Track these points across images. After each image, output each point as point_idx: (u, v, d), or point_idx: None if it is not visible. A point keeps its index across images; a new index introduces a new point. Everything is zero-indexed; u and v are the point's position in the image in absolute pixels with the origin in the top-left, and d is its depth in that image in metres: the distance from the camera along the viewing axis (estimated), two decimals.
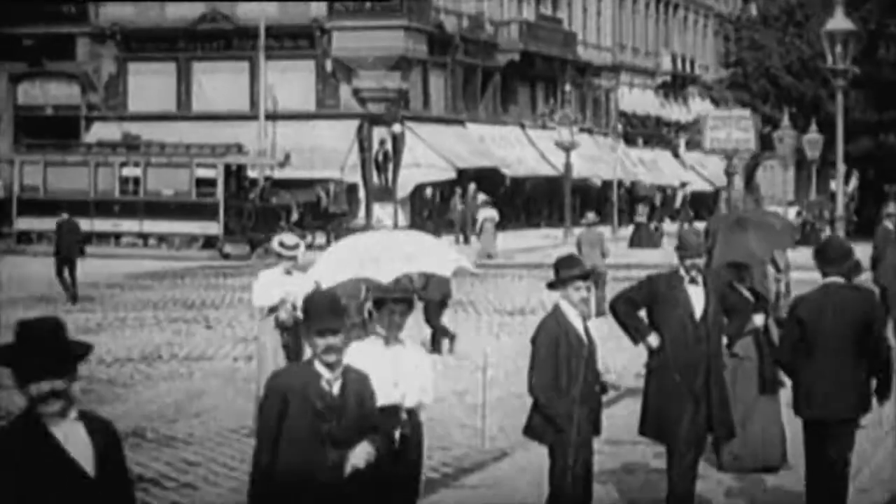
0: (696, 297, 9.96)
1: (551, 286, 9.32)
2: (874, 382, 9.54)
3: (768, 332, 11.80)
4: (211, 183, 44.15)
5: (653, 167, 79.83)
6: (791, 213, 50.55)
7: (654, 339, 9.94)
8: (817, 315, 9.47)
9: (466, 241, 48.71)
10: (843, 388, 9.39)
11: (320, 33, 53.45)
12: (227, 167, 44.41)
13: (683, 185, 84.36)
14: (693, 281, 10.02)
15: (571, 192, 71.11)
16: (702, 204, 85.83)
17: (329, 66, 53.70)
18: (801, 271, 15.26)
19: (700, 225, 50.37)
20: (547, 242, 49.14)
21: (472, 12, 59.91)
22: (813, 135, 49.61)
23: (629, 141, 78.13)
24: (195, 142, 46.06)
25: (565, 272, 9.15)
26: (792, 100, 51.74)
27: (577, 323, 9.15)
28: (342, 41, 52.47)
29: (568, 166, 53.17)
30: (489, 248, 43.35)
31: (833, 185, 64.48)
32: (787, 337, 9.80)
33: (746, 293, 11.71)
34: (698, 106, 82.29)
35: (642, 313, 10.10)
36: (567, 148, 52.72)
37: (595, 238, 26.24)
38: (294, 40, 53.63)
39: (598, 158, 68.17)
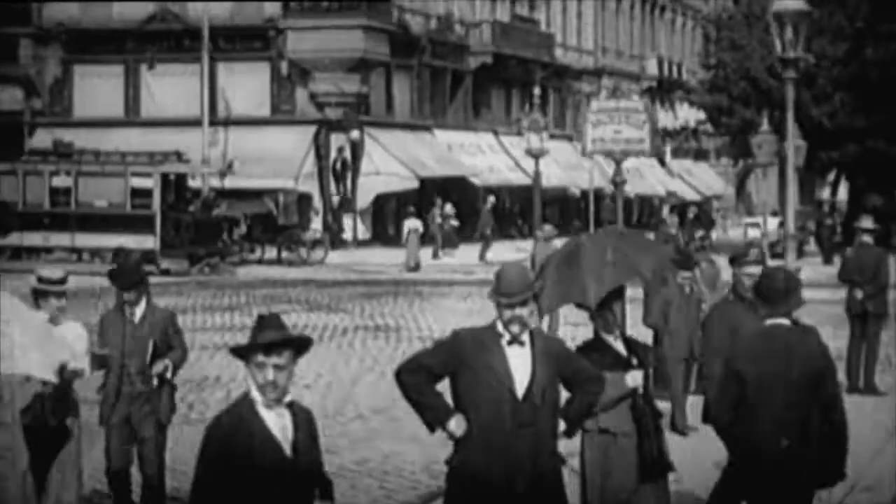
0: (519, 362, 6.98)
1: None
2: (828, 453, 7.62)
3: (649, 395, 8.74)
4: (147, 193, 41.14)
5: (636, 175, 76.74)
6: (773, 223, 47.57)
7: (456, 425, 6.96)
8: (759, 366, 7.62)
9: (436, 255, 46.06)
10: (792, 456, 7.48)
11: (275, 33, 50.45)
12: (165, 176, 41.37)
13: (670, 194, 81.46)
14: (515, 340, 7.03)
15: (549, 202, 68.76)
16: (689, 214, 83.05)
17: (284, 68, 50.68)
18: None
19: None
20: (519, 256, 46.09)
21: (441, 12, 56.91)
22: (796, 140, 46.46)
23: None
24: (144, 149, 43.05)
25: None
26: (774, 103, 48.62)
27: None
28: (298, 42, 49.48)
29: (537, 174, 50.13)
30: (413, 259, 41.19)
31: (823, 194, 61.60)
32: (724, 394, 7.79)
33: (618, 346, 8.68)
34: (686, 112, 79.37)
35: (442, 386, 7.13)
36: (536, 155, 49.70)
37: (551, 252, 23.93)
38: (247, 41, 50.65)
39: (578, 166, 65.10)
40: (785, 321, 7.79)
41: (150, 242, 39.88)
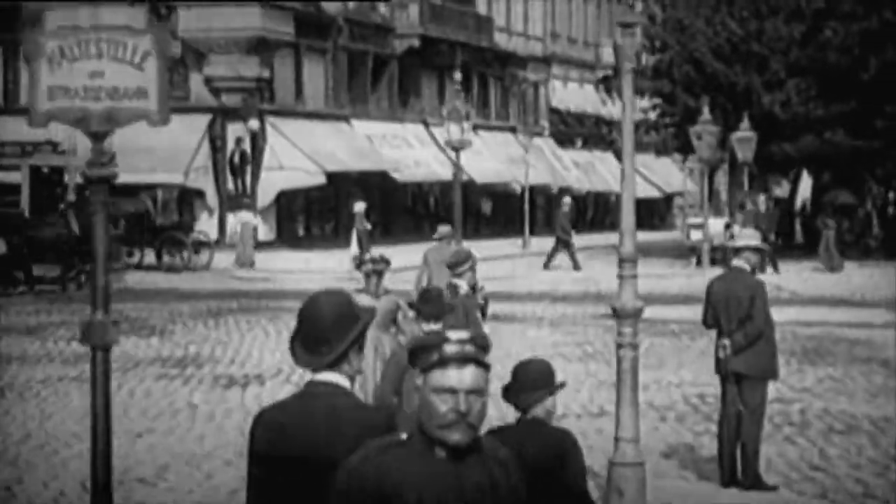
0: None
1: None
2: None
3: None
4: (15, 189, 36.05)
5: (589, 170, 71.66)
6: (717, 225, 42.41)
7: None
8: None
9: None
10: None
11: (166, 11, 44.98)
12: (37, 170, 36.43)
13: None
14: None
15: (488, 199, 63.64)
16: (647, 213, 77.93)
17: (178, 50, 45.27)
18: None
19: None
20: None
21: None
22: (745, 132, 41.38)
23: (561, 141, 70.04)
24: (14, 139, 37.79)
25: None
26: (720, 89, 43.53)
27: None
28: (188, 20, 44.04)
29: (458, 169, 44.87)
30: (247, 256, 38.20)
31: (778, 190, 56.44)
32: None
33: None
34: (646, 103, 74.26)
35: None
36: (457, 147, 44.41)
37: (447, 255, 20.16)
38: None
39: (521, 160, 59.84)
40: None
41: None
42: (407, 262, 25.82)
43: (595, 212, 75.84)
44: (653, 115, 48.08)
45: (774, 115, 42.82)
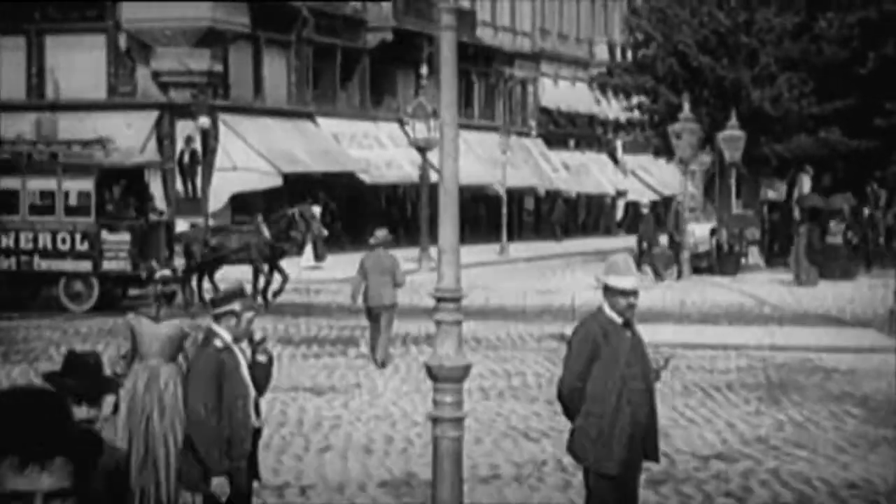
0: None
1: None
2: None
3: None
4: None
5: (581, 172, 68.33)
6: (702, 231, 39.18)
7: None
8: None
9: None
10: None
11: (112, 1, 42.00)
12: None
13: (620, 193, 73.07)
14: None
15: (469, 202, 60.22)
16: (642, 217, 74.52)
17: (123, 42, 42.25)
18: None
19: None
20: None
21: None
22: (732, 130, 38.13)
23: (551, 142, 66.76)
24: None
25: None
26: (706, 84, 40.24)
27: None
28: (133, 9, 41.01)
29: (424, 170, 41.72)
30: None
31: (770, 193, 53.07)
32: None
33: None
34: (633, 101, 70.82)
35: None
36: (423, 147, 41.28)
37: (386, 263, 20.28)
38: (80, 11, 42.19)
39: (506, 162, 56.55)
40: None
41: None
42: None
43: (588, 215, 72.57)
44: (637, 114, 44.75)
45: (765, 112, 39.55)
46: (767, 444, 14.11)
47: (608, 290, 8.43)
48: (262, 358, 8.60)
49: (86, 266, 28.23)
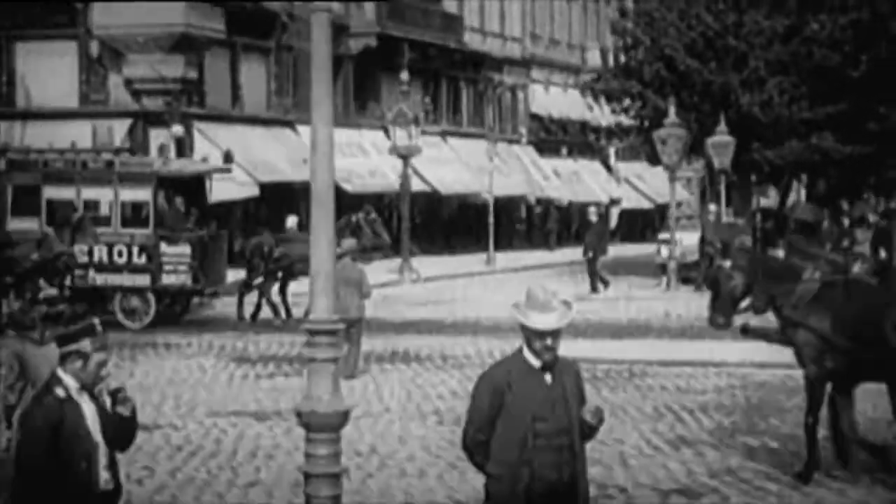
0: None
1: None
2: None
3: None
4: None
5: (573, 180, 67.12)
6: (690, 239, 37.95)
7: None
8: None
9: None
10: None
11: (83, 5, 40.84)
12: None
13: (614, 202, 71.85)
14: None
15: (457, 212, 59.06)
16: (639, 225, 73.41)
17: (95, 49, 41.10)
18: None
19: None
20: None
21: None
22: (721, 136, 36.96)
23: (543, 149, 65.57)
24: None
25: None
26: (694, 89, 39.04)
27: None
28: (105, 15, 39.88)
29: (405, 178, 40.60)
30: None
31: (763, 201, 51.94)
32: None
33: None
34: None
35: None
36: (404, 155, 40.18)
37: (352, 274, 19.68)
38: (51, 16, 41.04)
39: (495, 171, 55.38)
40: None
41: None
42: None
43: (581, 223, 71.21)
44: (625, 120, 43.55)
45: (754, 117, 38.34)
46: (737, 476, 12.92)
47: (524, 329, 7.20)
48: (123, 410, 7.18)
49: (143, 280, 26.83)
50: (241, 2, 42.22)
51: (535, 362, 7.16)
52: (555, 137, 67.43)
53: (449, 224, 57.76)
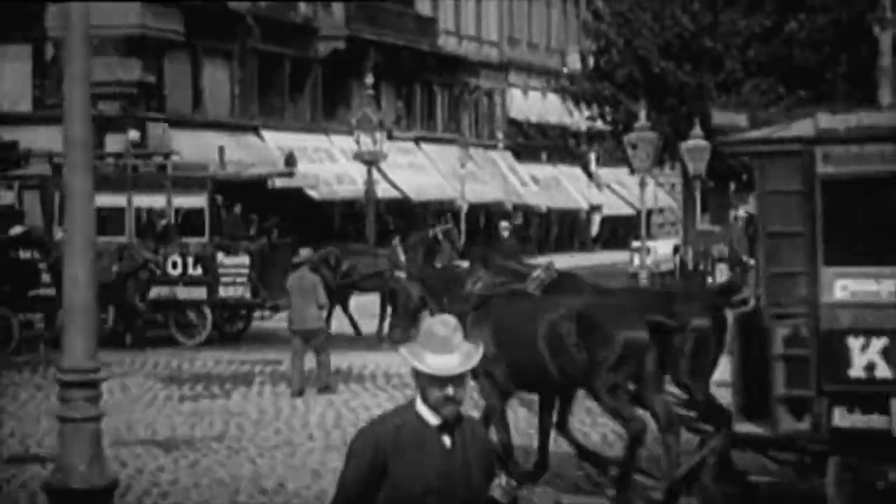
0: None
1: None
2: None
3: None
4: None
5: (552, 186, 65.80)
6: (665, 247, 36.70)
7: None
8: None
9: None
10: None
11: (39, 7, 39.45)
12: None
13: (594, 208, 70.58)
14: None
15: (436, 218, 57.61)
16: (619, 232, 72.07)
17: (49, 51, 39.75)
18: None
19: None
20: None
21: None
22: (696, 140, 35.64)
23: (521, 155, 64.26)
24: None
25: None
26: (668, 91, 37.73)
27: None
28: (58, 16, 38.31)
29: (370, 185, 39.21)
30: None
31: (743, 209, 50.63)
32: None
33: None
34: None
35: None
36: (369, 161, 38.79)
37: (307, 283, 19.40)
38: (5, 18, 39.65)
39: (470, 176, 54.13)
40: None
41: None
42: None
43: (560, 230, 69.94)
44: (600, 124, 42.25)
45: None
46: None
47: (417, 376, 5.68)
48: None
49: (199, 293, 25.16)
50: (199, 2, 40.83)
51: (432, 419, 5.64)
52: (533, 143, 66.15)
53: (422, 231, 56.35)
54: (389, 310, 23.85)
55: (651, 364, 11.61)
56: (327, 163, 47.50)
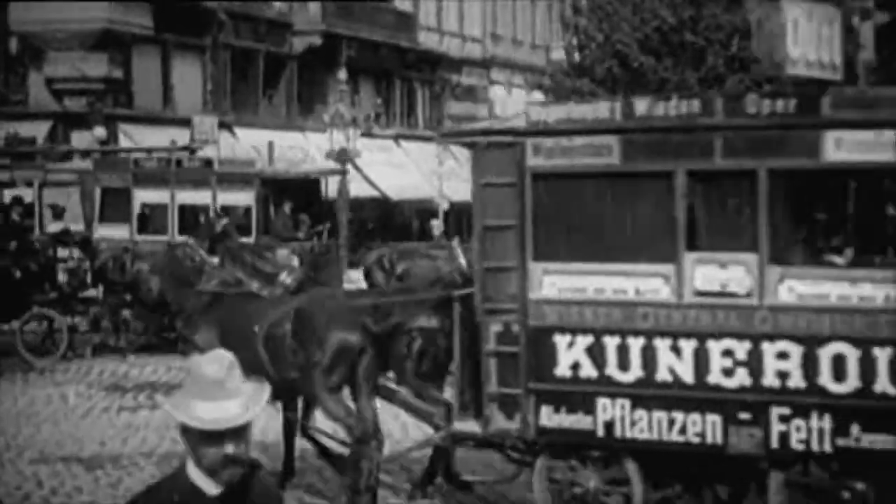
0: None
1: None
2: None
3: None
4: None
5: None
6: None
7: None
8: None
9: None
10: None
11: (3, 1, 38.48)
12: None
13: None
14: None
15: (412, 217, 56.78)
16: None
17: (14, 46, 38.73)
18: None
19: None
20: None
21: None
22: None
23: None
24: None
25: None
26: (648, 87, 36.79)
27: None
28: (23, 10, 37.55)
29: (343, 183, 38.26)
30: None
31: None
32: None
33: None
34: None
35: None
36: (342, 159, 37.86)
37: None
38: None
39: (452, 174, 53.15)
40: None
41: None
42: None
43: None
44: None
45: None
46: None
47: (186, 433, 4.56)
48: None
49: None
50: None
51: (209, 487, 4.54)
52: None
53: (402, 232, 55.39)
54: None
55: (364, 368, 11.04)
56: (302, 161, 46.51)
